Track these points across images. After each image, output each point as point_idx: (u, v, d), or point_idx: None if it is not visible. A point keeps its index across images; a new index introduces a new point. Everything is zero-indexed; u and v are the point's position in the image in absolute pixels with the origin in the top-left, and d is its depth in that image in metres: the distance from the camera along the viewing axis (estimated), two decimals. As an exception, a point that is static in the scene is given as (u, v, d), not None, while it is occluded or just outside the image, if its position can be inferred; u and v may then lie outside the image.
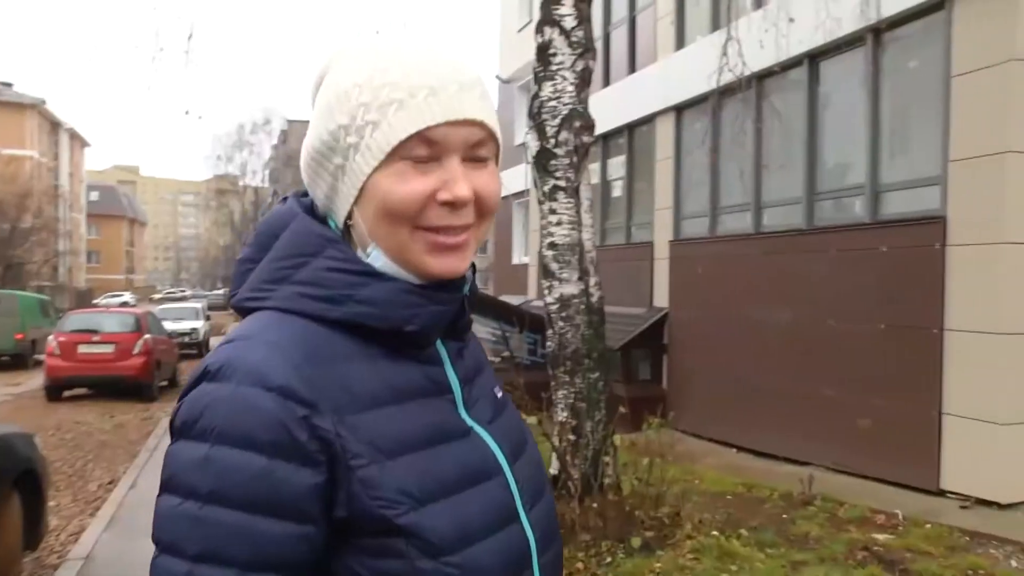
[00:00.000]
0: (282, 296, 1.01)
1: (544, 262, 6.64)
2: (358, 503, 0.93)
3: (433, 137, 0.98)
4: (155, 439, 11.10)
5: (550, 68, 6.63)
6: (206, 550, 0.89)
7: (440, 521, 0.95)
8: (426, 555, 0.93)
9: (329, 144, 1.02)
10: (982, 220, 7.39)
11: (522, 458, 1.12)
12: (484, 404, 1.12)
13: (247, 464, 0.90)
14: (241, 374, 0.93)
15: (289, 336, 0.97)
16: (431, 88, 0.98)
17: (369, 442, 0.95)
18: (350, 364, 0.99)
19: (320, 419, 0.92)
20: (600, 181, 14.54)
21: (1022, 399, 7.27)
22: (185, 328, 25.08)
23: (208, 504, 0.90)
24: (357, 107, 0.99)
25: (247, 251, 1.09)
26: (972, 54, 7.55)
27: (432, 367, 1.06)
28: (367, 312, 1.00)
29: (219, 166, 65.50)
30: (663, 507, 6.19)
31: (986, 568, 5.61)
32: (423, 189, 0.98)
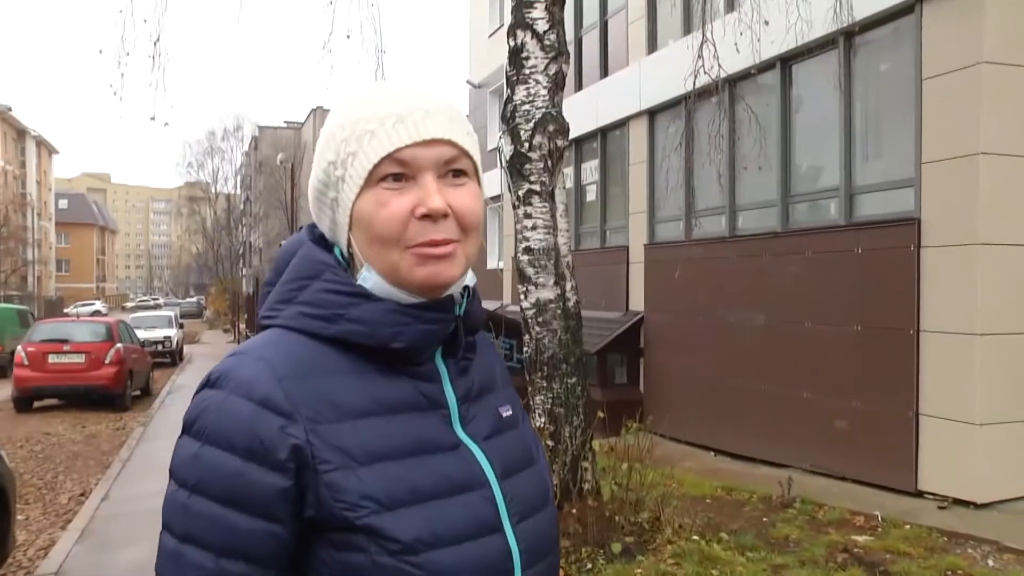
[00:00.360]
0: (287, 315, 1.14)
1: (520, 267, 6.59)
2: (324, 505, 1.03)
3: (403, 158, 1.09)
4: (128, 450, 10.94)
5: (523, 72, 6.58)
6: (189, 534, 1.04)
7: (404, 525, 1.04)
8: (386, 552, 1.03)
9: (324, 181, 1.15)
10: (956, 221, 7.43)
11: (520, 474, 1.19)
12: (483, 421, 1.19)
13: (225, 464, 1.03)
14: (233, 384, 1.06)
15: (281, 353, 1.10)
16: (398, 116, 1.10)
17: (341, 449, 1.05)
18: (339, 378, 1.09)
19: (294, 428, 1.03)
20: (574, 186, 14.53)
21: (997, 399, 7.31)
22: (158, 336, 24.87)
23: (194, 494, 1.04)
24: (340, 143, 1.12)
25: (268, 275, 1.24)
26: (942, 57, 7.60)
27: (428, 384, 1.15)
28: (356, 330, 1.10)
29: (190, 173, 65.05)
30: (643, 512, 6.17)
31: (964, 568, 5.62)
32: (401, 208, 1.08)
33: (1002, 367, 7.34)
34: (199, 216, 67.62)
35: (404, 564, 1.03)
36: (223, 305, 49.52)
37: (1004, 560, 5.95)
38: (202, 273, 76.20)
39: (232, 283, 52.57)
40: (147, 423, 13.39)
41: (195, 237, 70.85)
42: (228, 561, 1.03)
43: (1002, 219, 7.34)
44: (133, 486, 8.82)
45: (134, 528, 7.17)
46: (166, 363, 24.51)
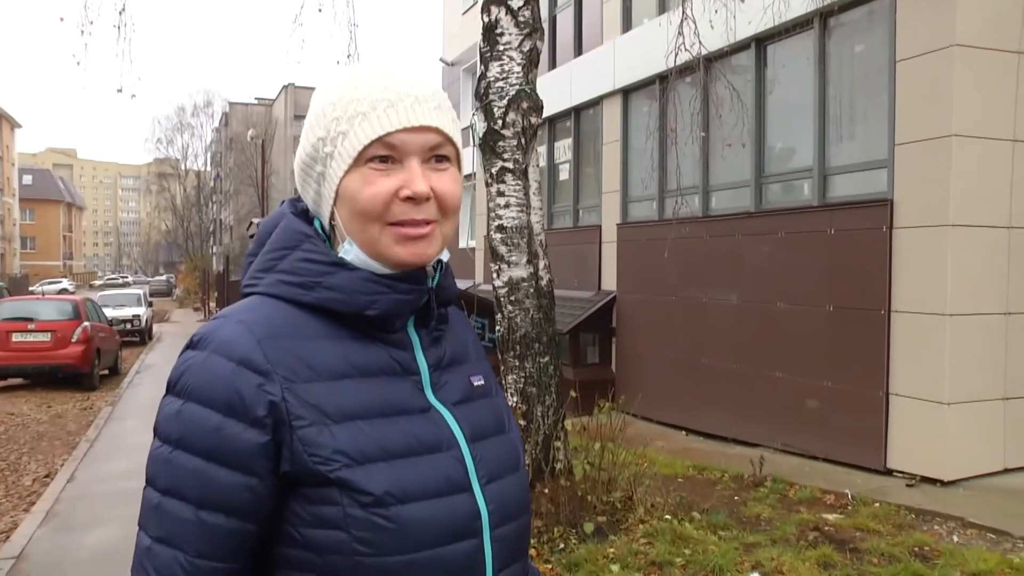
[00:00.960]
0: (267, 283, 1.20)
1: (492, 245, 6.53)
2: (298, 458, 1.09)
3: (393, 142, 1.15)
4: (95, 430, 10.78)
5: (497, 48, 6.49)
6: (171, 487, 1.09)
7: (374, 479, 1.09)
8: (358, 505, 1.08)
9: (311, 155, 1.20)
10: (928, 203, 7.46)
11: (490, 439, 1.25)
12: (454, 388, 1.25)
13: (206, 420, 1.08)
14: (214, 344, 1.12)
15: (260, 316, 1.16)
16: (389, 101, 1.15)
17: (314, 407, 1.10)
18: (315, 342, 1.15)
19: (271, 385, 1.09)
20: (547, 165, 14.46)
21: (965, 379, 7.39)
22: (127, 315, 24.53)
23: (177, 449, 1.10)
24: (331, 121, 1.17)
25: (251, 247, 1.29)
26: (916, 39, 7.61)
27: (400, 351, 1.21)
28: (333, 297, 1.17)
29: (160, 149, 64.24)
30: (615, 492, 6.16)
31: (931, 544, 5.68)
32: (386, 189, 1.15)
33: (970, 347, 7.41)
34: (168, 193, 66.81)
35: (375, 516, 1.08)
36: (193, 283, 49.06)
37: (968, 535, 6.04)
38: (172, 251, 75.44)
39: (202, 261, 52.05)
40: (115, 403, 13.21)
41: (165, 214, 70.03)
42: (208, 513, 1.07)
43: (973, 201, 7.38)
44: (100, 467, 8.69)
45: (101, 509, 7.07)
46: (135, 342, 24.22)
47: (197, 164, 65.56)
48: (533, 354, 6.40)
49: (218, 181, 66.88)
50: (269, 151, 37.79)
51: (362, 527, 1.08)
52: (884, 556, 5.41)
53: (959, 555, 5.41)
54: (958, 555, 5.41)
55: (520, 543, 1.26)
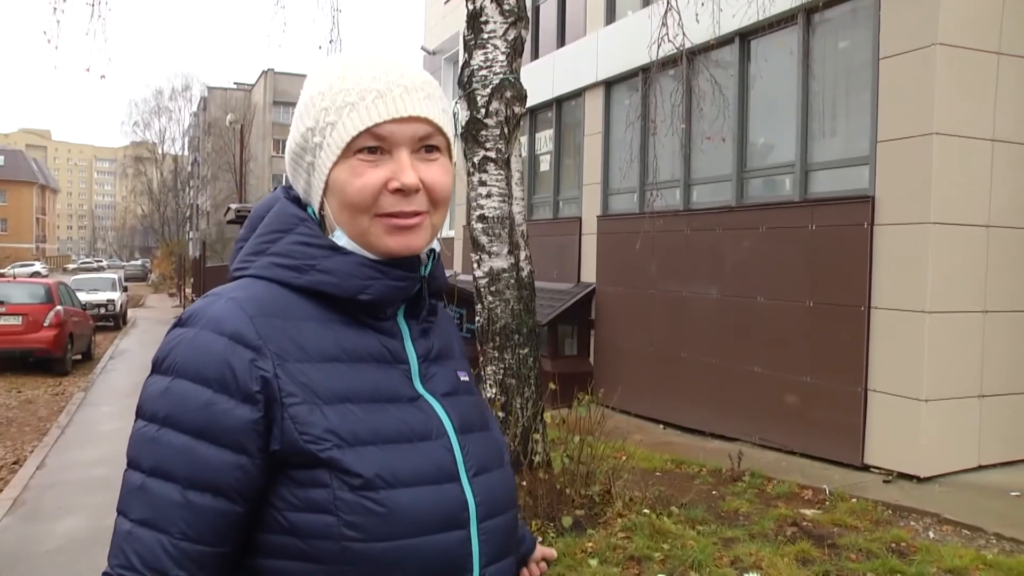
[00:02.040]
0: (259, 266, 1.18)
1: (473, 235, 6.47)
2: (288, 436, 1.06)
3: (381, 133, 1.14)
4: (66, 416, 10.62)
5: (481, 36, 6.42)
6: (156, 466, 1.05)
7: (365, 461, 1.07)
8: (348, 487, 1.06)
9: (301, 145, 1.19)
10: (909, 200, 7.48)
11: (477, 433, 1.24)
12: (441, 380, 1.25)
13: (196, 396, 1.05)
14: (204, 321, 1.10)
15: (251, 294, 1.14)
16: (378, 91, 1.14)
17: (306, 386, 1.09)
18: (306, 323, 1.14)
19: (263, 362, 1.07)
20: (528, 155, 14.39)
21: (943, 376, 7.43)
22: (101, 299, 24.22)
23: (164, 427, 1.06)
24: (320, 111, 1.16)
25: (241, 232, 1.27)
26: (898, 37, 7.61)
27: (390, 339, 1.20)
28: (327, 280, 1.15)
29: (136, 132, 63.52)
30: (594, 485, 6.14)
31: (907, 540, 5.71)
32: (375, 180, 1.13)
33: (949, 345, 7.45)
34: (145, 177, 66.17)
35: (365, 499, 1.06)
36: (169, 268, 48.66)
37: (943, 532, 6.07)
38: (148, 235, 74.79)
39: (179, 246, 51.61)
40: (88, 388, 13.05)
41: (141, 198, 69.37)
42: (195, 493, 1.04)
43: (954, 199, 7.41)
44: (71, 454, 8.57)
45: (71, 498, 6.96)
46: (109, 327, 23.94)
47: (174, 148, 65.04)
48: (513, 345, 6.35)
49: (195, 166, 66.22)
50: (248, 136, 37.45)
51: (352, 511, 1.06)
52: (862, 552, 5.42)
53: (935, 551, 5.44)
54: (934, 551, 5.44)
55: (507, 539, 1.24)
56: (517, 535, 1.32)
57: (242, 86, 62.75)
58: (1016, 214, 7.75)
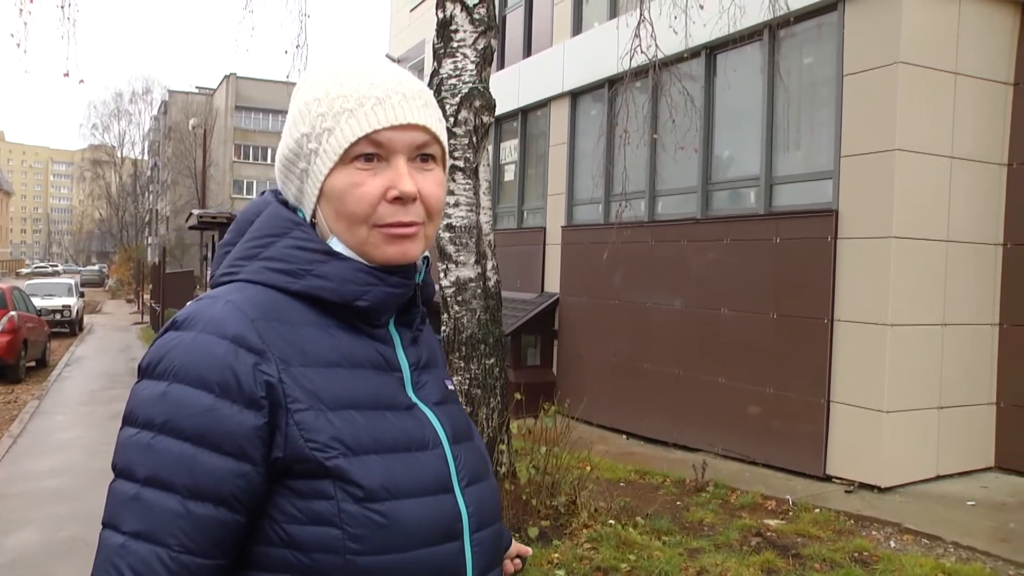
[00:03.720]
0: (251, 270, 1.15)
1: (441, 244, 6.46)
2: (293, 444, 1.04)
3: (379, 140, 1.12)
4: (19, 424, 10.37)
5: (451, 45, 6.42)
6: (153, 475, 1.00)
7: (369, 472, 1.05)
8: (352, 499, 1.03)
9: (295, 151, 1.16)
10: (871, 215, 7.59)
11: (465, 443, 1.23)
12: (432, 389, 1.24)
13: (197, 401, 1.01)
14: (203, 323, 1.06)
15: (249, 297, 1.10)
16: (377, 98, 1.12)
17: (311, 391, 1.06)
18: (304, 328, 1.11)
19: (267, 366, 1.04)
20: (492, 165, 14.38)
21: (904, 388, 7.54)
22: (56, 305, 23.76)
23: (160, 434, 1.01)
24: (316, 117, 1.14)
25: (227, 236, 1.23)
26: (862, 55, 7.74)
27: (384, 346, 1.19)
28: (324, 286, 1.13)
29: (95, 135, 62.53)
30: (559, 496, 6.13)
31: (870, 550, 5.78)
32: (374, 190, 1.12)
33: (909, 357, 7.56)
34: (103, 181, 65.14)
35: (369, 512, 1.04)
36: (127, 274, 47.88)
37: (904, 541, 6.15)
38: (105, 240, 73.64)
39: (137, 252, 50.89)
40: (42, 396, 12.75)
41: (98, 202, 68.25)
42: (196, 503, 1.00)
43: (915, 214, 7.53)
44: (24, 464, 8.35)
45: (22, 510, 6.78)
46: (65, 333, 23.50)
47: (134, 152, 64.17)
48: (479, 355, 6.34)
49: (155, 170, 65.41)
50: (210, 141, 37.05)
51: (356, 523, 1.03)
52: (825, 561, 5.47)
53: (896, 560, 5.51)
54: (895, 560, 5.51)
55: (496, 550, 1.23)
56: (503, 545, 1.31)
57: (204, 90, 62.14)
58: (973, 230, 7.91)
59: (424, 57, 17.50)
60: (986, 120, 7.95)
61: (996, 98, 8.00)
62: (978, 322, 7.99)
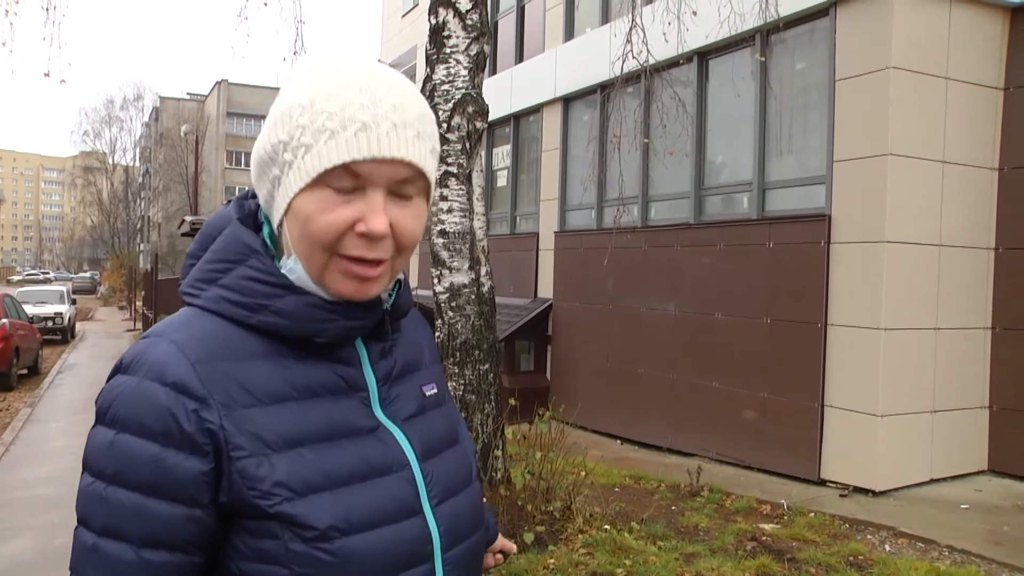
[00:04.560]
0: (209, 297, 1.11)
1: (434, 250, 6.45)
2: (236, 491, 1.02)
3: (358, 171, 1.04)
4: (11, 433, 10.33)
5: (444, 51, 6.42)
6: (107, 526, 1.01)
7: (318, 511, 1.03)
8: (299, 539, 1.02)
9: (270, 154, 1.09)
10: (864, 219, 7.61)
11: (442, 455, 1.19)
12: (404, 402, 1.18)
13: (142, 451, 1.00)
14: (145, 368, 1.03)
15: (194, 335, 1.07)
16: (363, 124, 1.03)
17: (254, 435, 1.03)
18: (254, 362, 1.07)
19: (208, 412, 1.02)
20: (485, 170, 14.37)
21: (898, 392, 7.56)
22: (48, 312, 23.67)
23: (111, 485, 1.01)
24: (296, 127, 1.06)
25: (192, 247, 1.19)
26: (854, 60, 7.77)
27: (346, 367, 1.13)
28: (280, 323, 1.09)
29: (86, 142, 62.31)
30: (554, 501, 6.11)
31: (865, 554, 5.78)
32: (342, 220, 1.04)
33: (903, 361, 7.58)
34: (95, 188, 64.91)
35: (317, 551, 1.02)
36: (119, 281, 47.76)
37: (899, 544, 6.16)
38: (97, 247, 73.32)
39: (129, 258, 50.69)
40: (35, 404, 12.71)
41: (90, 209, 68.03)
42: (151, 551, 1.00)
43: (907, 219, 7.56)
44: (17, 472, 8.33)
45: (16, 519, 6.75)
46: (57, 340, 23.40)
47: (125, 159, 63.96)
48: (473, 361, 6.33)
49: (147, 177, 65.20)
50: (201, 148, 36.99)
51: (304, 563, 1.02)
52: (821, 566, 5.47)
53: (892, 564, 5.51)
54: (891, 564, 5.52)
55: (473, 563, 1.21)
56: (483, 556, 1.29)
57: (195, 97, 62.04)
58: (965, 234, 7.94)
59: (416, 63, 17.51)
60: (977, 125, 7.99)
61: (987, 103, 8.04)
62: (971, 326, 8.02)
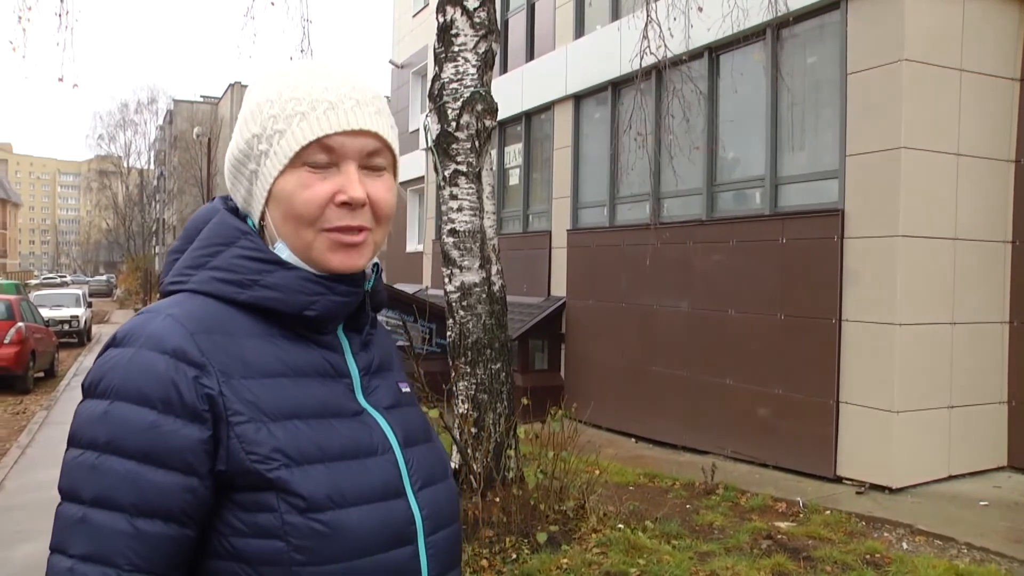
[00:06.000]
0: (198, 280, 1.14)
1: (445, 249, 6.43)
2: (235, 456, 1.03)
3: (331, 144, 1.12)
4: (28, 435, 10.39)
5: (452, 49, 6.40)
6: (99, 495, 0.99)
7: (313, 481, 1.05)
8: (295, 510, 1.03)
9: (245, 152, 1.16)
10: (878, 214, 7.54)
11: (421, 446, 1.22)
12: (384, 393, 1.23)
13: (140, 418, 1.00)
14: (142, 339, 1.05)
15: (190, 310, 1.10)
16: (330, 103, 1.12)
17: (252, 403, 1.06)
18: (248, 339, 1.11)
19: (207, 379, 1.04)
20: (497, 169, 14.36)
21: (914, 387, 7.48)
22: (65, 315, 23.84)
23: (104, 453, 1.00)
24: (268, 118, 1.14)
25: (176, 243, 1.23)
26: (866, 53, 7.70)
27: (332, 353, 1.18)
28: (271, 296, 1.13)
29: (101, 146, 62.68)
30: (568, 500, 6.09)
31: (882, 552, 5.72)
32: (323, 193, 1.11)
33: (918, 356, 7.50)
34: (110, 191, 65.30)
35: (313, 522, 1.03)
36: (134, 284, 47.99)
37: (917, 542, 6.10)
38: (113, 250, 73.80)
39: (144, 261, 50.96)
40: (51, 406, 12.79)
41: (106, 213, 68.40)
42: (145, 521, 0.99)
43: (921, 212, 7.48)
44: (33, 475, 8.36)
45: (33, 521, 6.77)
46: (73, 343, 23.57)
47: (140, 162, 64.24)
48: (485, 360, 6.30)
49: (161, 180, 65.56)
50: (215, 150, 37.16)
51: (300, 535, 1.03)
52: (837, 564, 5.42)
53: (909, 562, 5.45)
54: (908, 562, 5.45)
55: (453, 552, 1.23)
56: (461, 548, 1.30)
57: (209, 99, 62.32)
58: (981, 227, 7.85)
59: (427, 62, 17.50)
60: (992, 116, 7.89)
61: (1002, 94, 7.94)
62: (987, 320, 7.93)
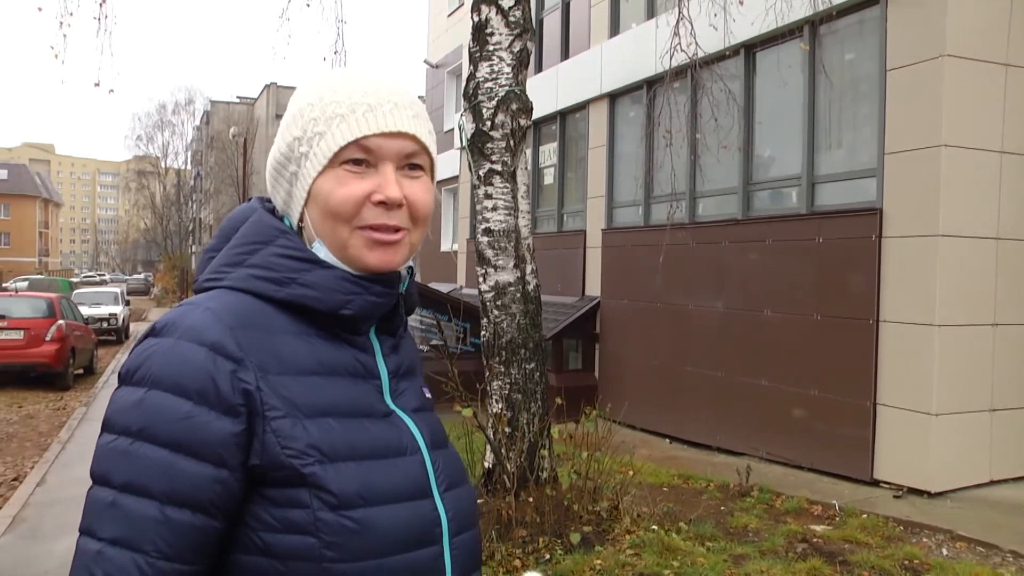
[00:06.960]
0: (235, 277, 1.16)
1: (479, 248, 6.43)
2: (270, 451, 1.04)
3: (369, 146, 1.15)
4: (68, 431, 10.56)
5: (487, 48, 6.39)
6: (130, 481, 1.01)
7: (344, 479, 1.06)
8: (328, 507, 1.04)
9: (286, 154, 1.19)
10: (917, 213, 7.42)
11: (443, 449, 1.24)
12: (411, 396, 1.25)
13: (175, 408, 1.02)
14: (181, 331, 1.07)
15: (228, 305, 1.11)
16: (369, 105, 1.15)
17: (287, 399, 1.07)
18: (283, 336, 1.12)
19: (245, 373, 1.05)
20: (532, 168, 14.34)
21: (953, 390, 7.34)
22: (103, 313, 24.21)
23: (138, 440, 1.02)
24: (308, 121, 1.16)
25: (212, 242, 1.25)
26: (906, 49, 7.57)
27: (363, 354, 1.20)
28: (308, 294, 1.14)
29: (139, 146, 63.47)
30: (601, 501, 6.06)
31: (921, 558, 5.61)
32: (360, 191, 1.14)
33: (958, 358, 7.37)
34: (148, 191, 66.11)
35: (344, 519, 1.04)
36: (172, 282, 48.63)
37: (957, 548, 5.98)
38: (150, 249, 74.73)
39: (181, 260, 51.62)
40: (90, 403, 12.99)
41: (144, 212, 69.29)
42: (174, 509, 1.00)
43: (962, 211, 7.35)
44: (73, 470, 8.48)
45: (72, 516, 6.85)
46: (111, 341, 23.93)
47: (177, 162, 64.96)
48: (519, 360, 6.29)
49: (198, 180, 66.29)
50: (251, 150, 37.52)
51: (332, 531, 1.04)
52: (874, 569, 5.34)
53: (950, 569, 5.35)
54: (948, 569, 5.35)
55: (475, 555, 1.24)
56: (481, 550, 1.32)
57: (245, 100, 62.91)
58: (1025, 226, 7.69)
59: (462, 62, 17.52)
60: (1038, 112, 7.72)
61: (1049, 89, 7.76)
62: (1031, 321, 7.76)
